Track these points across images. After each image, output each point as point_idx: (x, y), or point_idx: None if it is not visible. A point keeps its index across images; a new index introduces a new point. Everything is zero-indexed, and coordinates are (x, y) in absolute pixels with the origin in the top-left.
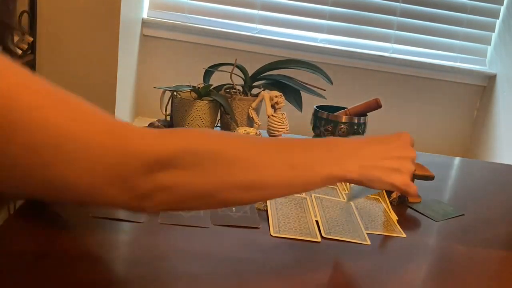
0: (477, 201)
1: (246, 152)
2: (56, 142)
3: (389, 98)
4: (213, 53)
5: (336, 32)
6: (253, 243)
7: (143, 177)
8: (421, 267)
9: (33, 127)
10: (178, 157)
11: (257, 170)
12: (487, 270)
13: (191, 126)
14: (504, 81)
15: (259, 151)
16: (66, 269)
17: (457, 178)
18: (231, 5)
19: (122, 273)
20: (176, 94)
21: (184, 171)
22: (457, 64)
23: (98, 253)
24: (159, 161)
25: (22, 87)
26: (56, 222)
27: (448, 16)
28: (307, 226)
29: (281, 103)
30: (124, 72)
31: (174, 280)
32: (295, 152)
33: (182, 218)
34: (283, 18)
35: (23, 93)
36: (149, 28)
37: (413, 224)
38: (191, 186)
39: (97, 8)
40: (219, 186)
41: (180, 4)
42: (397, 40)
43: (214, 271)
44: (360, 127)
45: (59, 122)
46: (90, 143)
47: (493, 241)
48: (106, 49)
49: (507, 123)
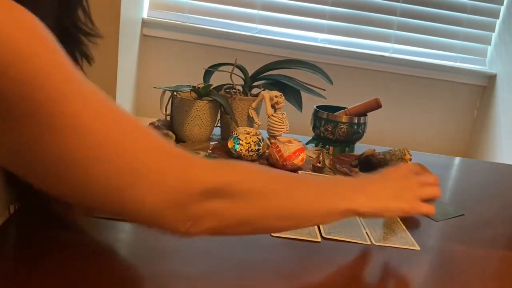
0: (477, 201)
1: (284, 187)
2: (131, 167)
3: (389, 98)
4: (213, 53)
5: (336, 32)
6: (253, 243)
7: (199, 204)
8: (421, 267)
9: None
10: (229, 187)
11: (292, 203)
12: (487, 270)
13: (191, 126)
14: (504, 81)
15: (294, 187)
16: (66, 269)
17: (457, 178)
18: (231, 5)
19: (122, 273)
20: (176, 94)
21: (232, 200)
22: (457, 64)
23: (98, 253)
24: (215, 189)
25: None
26: (56, 222)
27: (448, 16)
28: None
29: (281, 103)
30: (124, 72)
31: (174, 280)
32: (321, 188)
33: None
34: (283, 18)
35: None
36: (149, 28)
37: (413, 224)
38: (236, 214)
39: (97, 8)
40: (259, 215)
41: (180, 4)
42: (397, 40)
43: (214, 271)
44: (360, 127)
45: (133, 151)
46: (159, 169)
47: (493, 241)
48: (106, 49)
49: (507, 123)
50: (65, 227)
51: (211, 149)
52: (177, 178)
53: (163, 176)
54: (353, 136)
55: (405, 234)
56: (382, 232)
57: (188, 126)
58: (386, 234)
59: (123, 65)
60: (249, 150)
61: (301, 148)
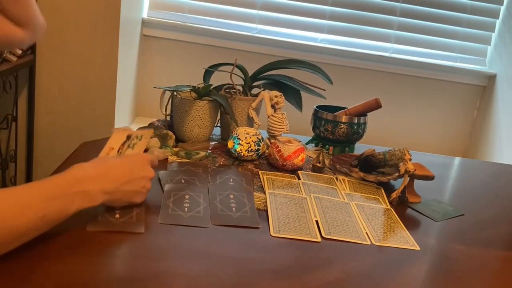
0: (477, 201)
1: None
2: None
3: (389, 98)
4: (213, 53)
5: (336, 32)
6: (253, 243)
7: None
8: (421, 266)
9: None
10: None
11: (9, 225)
12: (487, 270)
13: (191, 126)
14: (504, 81)
15: (9, 207)
16: (66, 269)
17: (457, 178)
18: (231, 5)
19: (122, 273)
20: (176, 94)
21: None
22: (457, 64)
23: (98, 253)
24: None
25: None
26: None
27: (448, 16)
28: (307, 226)
29: (281, 103)
30: (124, 72)
31: (174, 280)
32: (45, 204)
33: (182, 218)
34: (283, 18)
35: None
36: (149, 28)
37: (413, 224)
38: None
39: (97, 8)
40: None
41: (180, 4)
42: (397, 40)
43: (214, 271)
44: (360, 127)
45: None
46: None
47: (493, 241)
48: (106, 49)
49: (507, 123)
50: (63, 227)
51: (211, 149)
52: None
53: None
54: (353, 136)
55: (405, 234)
56: (382, 232)
57: (188, 126)
58: (386, 234)
59: (123, 65)
60: (249, 150)
61: (301, 148)
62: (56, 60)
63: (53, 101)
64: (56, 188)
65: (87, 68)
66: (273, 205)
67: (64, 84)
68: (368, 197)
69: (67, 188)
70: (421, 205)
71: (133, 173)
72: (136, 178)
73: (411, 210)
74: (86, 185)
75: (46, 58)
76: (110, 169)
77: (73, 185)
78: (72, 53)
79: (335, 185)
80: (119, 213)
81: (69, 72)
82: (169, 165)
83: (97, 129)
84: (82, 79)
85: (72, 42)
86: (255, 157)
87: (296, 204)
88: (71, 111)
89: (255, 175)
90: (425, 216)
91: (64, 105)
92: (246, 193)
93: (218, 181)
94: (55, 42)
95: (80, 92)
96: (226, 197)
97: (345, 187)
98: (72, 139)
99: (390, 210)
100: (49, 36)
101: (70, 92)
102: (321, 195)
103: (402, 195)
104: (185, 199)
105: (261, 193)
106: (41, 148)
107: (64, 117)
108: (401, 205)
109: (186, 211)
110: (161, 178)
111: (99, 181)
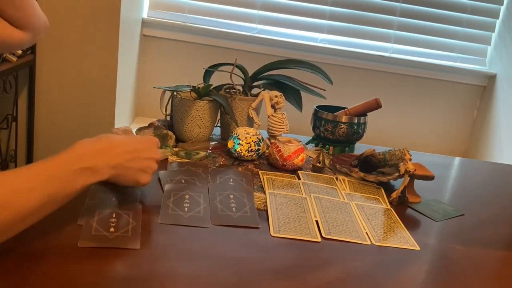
0: (477, 201)
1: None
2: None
3: (389, 98)
4: (213, 53)
5: (336, 32)
6: (253, 243)
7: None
8: (421, 266)
9: None
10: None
11: (13, 208)
12: (487, 270)
13: (191, 126)
14: (504, 81)
15: (13, 189)
16: (65, 269)
17: (457, 178)
18: (231, 5)
19: (122, 273)
20: (176, 94)
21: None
22: (457, 64)
23: (98, 253)
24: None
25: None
26: (56, 223)
27: (448, 16)
28: (307, 226)
29: (281, 103)
30: (124, 72)
31: (174, 280)
32: (48, 185)
33: (182, 218)
34: (283, 18)
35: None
36: (149, 28)
37: (413, 224)
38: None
39: (97, 8)
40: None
41: (180, 4)
42: (397, 40)
43: (214, 271)
44: (360, 127)
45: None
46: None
47: (493, 241)
48: (106, 49)
49: (507, 123)
50: (62, 228)
51: (211, 149)
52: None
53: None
54: (353, 136)
55: (405, 234)
56: (382, 232)
57: (188, 126)
58: (386, 234)
59: (123, 65)
60: (249, 150)
61: (301, 148)
62: (56, 60)
63: (53, 101)
64: (60, 166)
65: (87, 68)
66: (273, 205)
67: (64, 84)
68: (368, 197)
69: (72, 164)
70: (421, 205)
71: (138, 152)
72: (140, 157)
73: (411, 210)
74: (91, 161)
75: (46, 58)
76: (114, 145)
77: (78, 162)
78: (72, 53)
79: (335, 185)
80: (114, 227)
81: (69, 72)
82: (169, 165)
83: (97, 129)
84: (82, 79)
85: (72, 42)
86: (255, 157)
87: (296, 204)
88: (71, 111)
89: (255, 175)
90: (425, 216)
91: (64, 105)
92: (246, 193)
93: (218, 181)
94: (55, 42)
95: (80, 92)
96: (226, 197)
97: (345, 187)
98: (72, 139)
99: (390, 210)
100: (49, 36)
101: (70, 92)
102: (321, 195)
103: (402, 195)
104: (185, 199)
105: (261, 193)
106: (41, 148)
107: (64, 117)
108: (401, 205)
109: (186, 211)
110: (161, 178)
111: (103, 156)
